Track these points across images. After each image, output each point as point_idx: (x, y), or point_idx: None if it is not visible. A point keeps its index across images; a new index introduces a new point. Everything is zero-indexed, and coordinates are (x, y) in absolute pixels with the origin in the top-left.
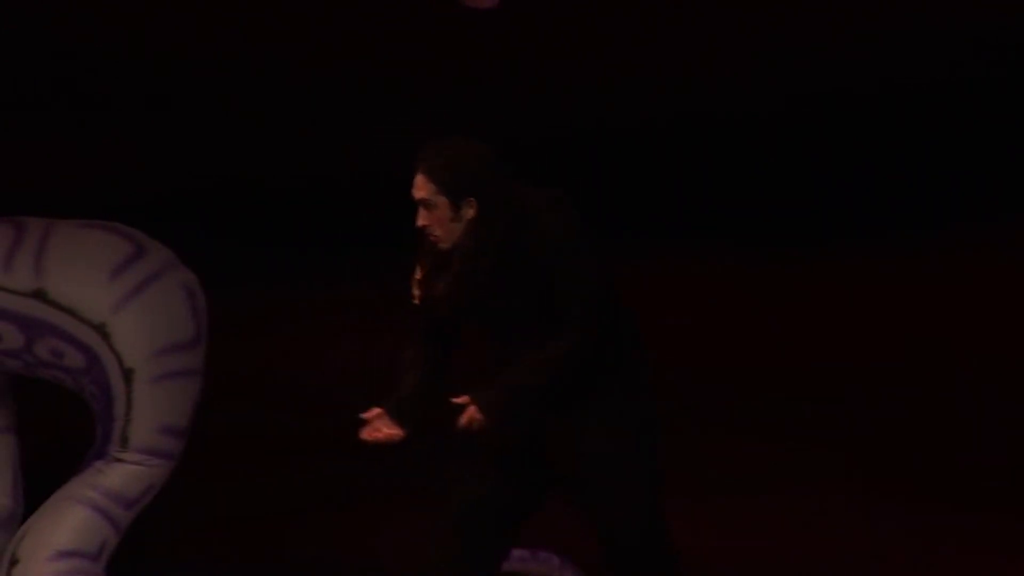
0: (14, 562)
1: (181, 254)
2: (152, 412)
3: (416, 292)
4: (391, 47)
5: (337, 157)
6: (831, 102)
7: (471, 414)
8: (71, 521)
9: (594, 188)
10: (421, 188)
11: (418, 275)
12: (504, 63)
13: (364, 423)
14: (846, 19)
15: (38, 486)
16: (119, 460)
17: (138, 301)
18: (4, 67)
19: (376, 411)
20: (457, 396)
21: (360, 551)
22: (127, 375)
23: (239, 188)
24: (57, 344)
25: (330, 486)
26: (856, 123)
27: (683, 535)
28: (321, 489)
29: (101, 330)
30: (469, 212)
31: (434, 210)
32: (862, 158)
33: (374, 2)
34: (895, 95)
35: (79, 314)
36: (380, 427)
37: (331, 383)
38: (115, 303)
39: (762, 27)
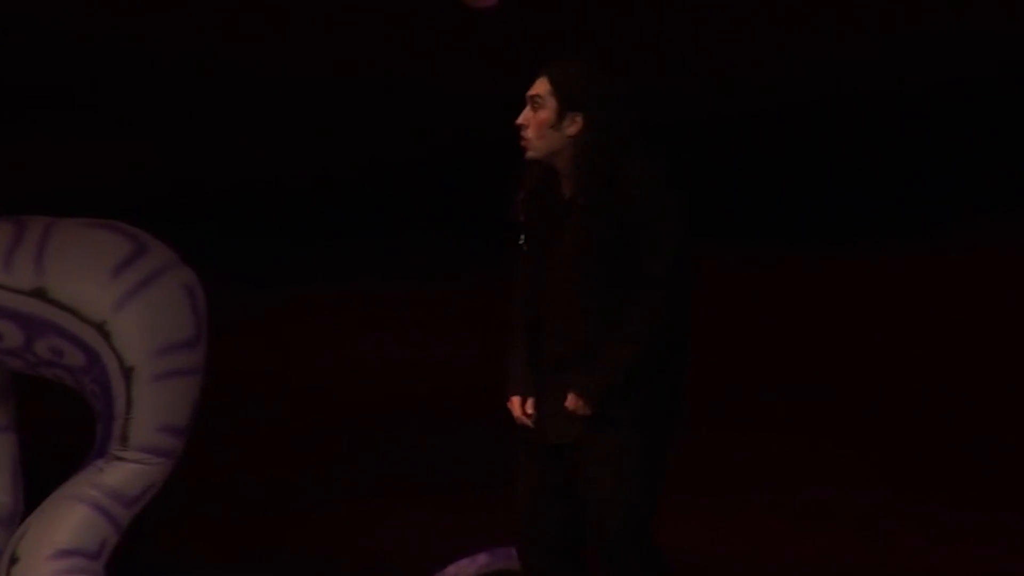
0: (14, 560)
1: (182, 253)
2: (152, 411)
3: (518, 215)
4: (391, 47)
5: (337, 156)
6: (832, 102)
7: (578, 406)
8: (71, 519)
9: None
10: (538, 85)
11: (521, 195)
12: (504, 63)
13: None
14: (848, 19)
15: (38, 484)
16: (119, 459)
17: (139, 300)
18: (4, 67)
19: (518, 400)
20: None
21: (360, 549)
22: (127, 374)
23: (241, 187)
24: (57, 343)
25: (330, 484)
26: (858, 123)
27: (685, 533)
28: (321, 488)
29: (101, 329)
30: (571, 128)
31: (539, 110)
32: (863, 158)
33: (374, 2)
34: (896, 95)
35: (79, 313)
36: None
37: (331, 381)
38: (116, 302)
39: (763, 27)
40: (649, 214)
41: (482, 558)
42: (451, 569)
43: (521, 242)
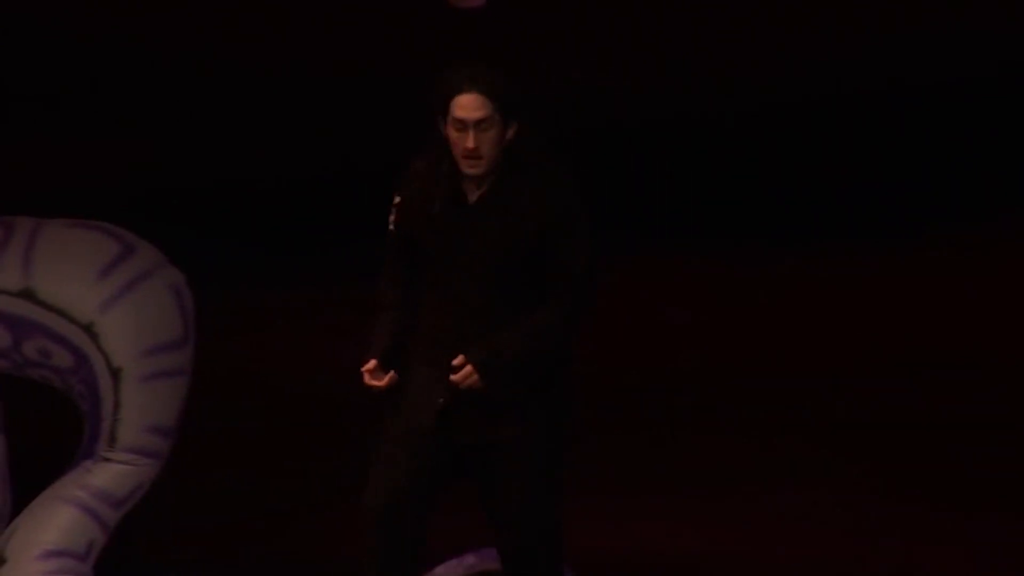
0: (2, 561)
1: (174, 254)
2: (140, 411)
3: (393, 218)
4: (389, 48)
5: (337, 156)
6: (832, 102)
7: (467, 374)
8: (59, 520)
9: (590, 187)
10: (480, 108)
11: (396, 201)
12: (504, 63)
13: (364, 375)
14: (848, 19)
15: (26, 485)
16: (107, 460)
17: (126, 300)
18: (4, 67)
19: (373, 363)
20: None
21: (350, 550)
22: (115, 374)
23: (233, 188)
24: (45, 344)
25: (323, 486)
26: (858, 123)
27: (679, 535)
28: (314, 489)
29: (89, 329)
30: (509, 136)
31: (488, 131)
32: (863, 158)
33: (374, 2)
34: (896, 95)
35: (67, 313)
36: (379, 377)
37: (323, 383)
38: (103, 302)
39: (763, 27)
40: (566, 218)
41: (469, 558)
42: (439, 569)
43: (392, 238)
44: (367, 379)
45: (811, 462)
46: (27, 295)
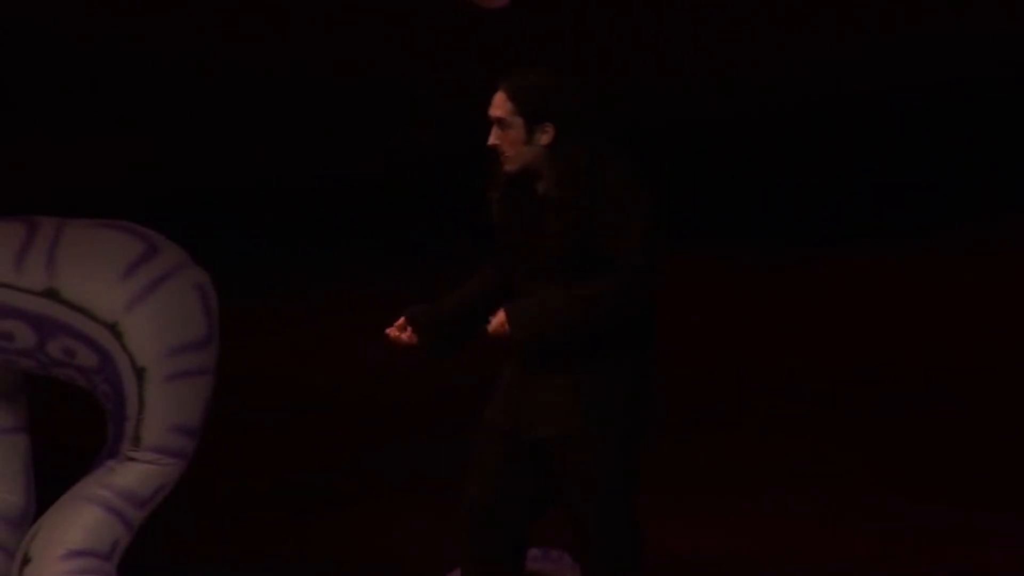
0: (26, 560)
1: (192, 254)
2: (164, 411)
3: (492, 213)
4: (395, 49)
5: (338, 156)
6: (832, 102)
7: (499, 321)
8: (83, 520)
9: None
10: (499, 106)
11: (494, 194)
12: (504, 63)
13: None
14: (848, 19)
15: (50, 485)
16: (131, 459)
17: (150, 300)
18: (4, 67)
19: (401, 320)
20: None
21: (368, 550)
22: (139, 374)
23: (241, 187)
24: (69, 343)
25: (346, 485)
26: (858, 123)
27: (690, 533)
28: (337, 488)
29: (113, 329)
30: (543, 138)
31: (508, 130)
32: (863, 158)
33: (374, 2)
34: (897, 95)
35: (91, 313)
36: (402, 331)
37: (337, 383)
38: (127, 302)
39: (763, 27)
40: (621, 207)
41: (555, 554)
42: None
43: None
44: (388, 330)
45: (821, 462)
46: (51, 295)
